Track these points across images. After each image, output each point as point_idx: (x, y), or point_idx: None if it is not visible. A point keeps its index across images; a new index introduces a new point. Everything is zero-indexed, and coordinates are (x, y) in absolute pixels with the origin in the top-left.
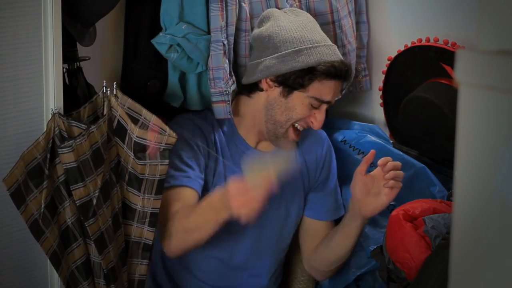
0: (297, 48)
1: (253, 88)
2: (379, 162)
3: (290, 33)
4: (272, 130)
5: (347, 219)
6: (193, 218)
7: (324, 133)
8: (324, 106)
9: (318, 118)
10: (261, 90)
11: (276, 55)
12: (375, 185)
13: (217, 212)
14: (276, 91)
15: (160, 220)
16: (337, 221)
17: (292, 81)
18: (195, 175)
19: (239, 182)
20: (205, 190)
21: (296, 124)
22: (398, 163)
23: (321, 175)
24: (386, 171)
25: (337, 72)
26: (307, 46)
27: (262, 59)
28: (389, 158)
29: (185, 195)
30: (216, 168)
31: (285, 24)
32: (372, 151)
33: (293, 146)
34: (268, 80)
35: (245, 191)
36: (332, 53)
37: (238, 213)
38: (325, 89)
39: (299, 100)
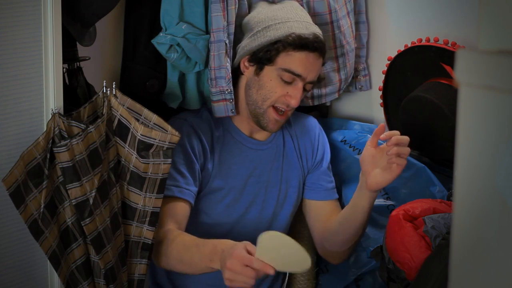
0: (267, 25)
1: (237, 73)
2: (383, 136)
3: (264, 14)
4: (253, 112)
5: (356, 193)
6: (182, 254)
7: (314, 119)
8: (299, 82)
9: (292, 94)
10: (242, 73)
11: (249, 35)
12: (383, 159)
13: (206, 262)
14: (251, 70)
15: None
16: None
17: (261, 56)
18: (187, 184)
19: (245, 251)
20: (205, 185)
21: (276, 104)
22: (404, 138)
23: (317, 156)
24: (390, 145)
25: (304, 42)
26: (277, 22)
27: (241, 43)
28: (395, 132)
29: (177, 209)
30: (213, 166)
31: (263, 9)
32: (382, 124)
33: (278, 128)
34: (244, 61)
35: (247, 262)
36: (303, 27)
37: (226, 278)
38: (294, 61)
39: (269, 75)
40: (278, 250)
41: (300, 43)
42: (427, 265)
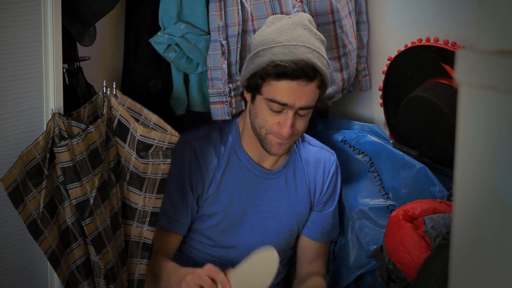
0: (256, 51)
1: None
2: None
3: (261, 36)
4: (257, 137)
5: None
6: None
7: (333, 156)
8: (289, 111)
9: (283, 123)
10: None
11: (247, 58)
12: None
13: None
14: (249, 96)
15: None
16: None
17: (251, 85)
18: (177, 216)
19: (206, 273)
20: (201, 208)
21: (272, 133)
22: None
23: (324, 196)
24: None
25: (282, 72)
26: (264, 47)
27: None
28: None
29: (168, 239)
30: (214, 190)
31: (264, 28)
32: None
33: (283, 152)
34: (243, 86)
35: (203, 283)
36: (288, 53)
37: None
38: (276, 91)
39: (260, 104)
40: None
41: (278, 73)
42: (427, 265)
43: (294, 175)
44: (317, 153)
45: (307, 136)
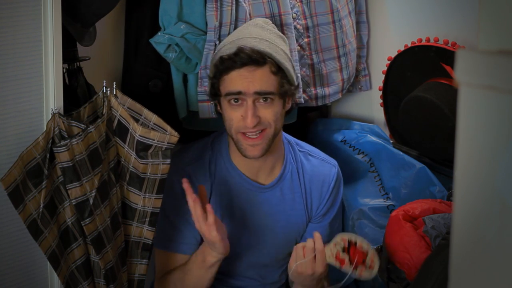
0: (212, 58)
1: None
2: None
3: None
4: (235, 144)
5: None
6: (188, 280)
7: (334, 169)
8: (247, 100)
9: (244, 115)
10: None
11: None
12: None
13: (203, 262)
14: (218, 105)
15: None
16: None
17: (212, 91)
18: (186, 238)
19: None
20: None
21: (241, 131)
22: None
23: (323, 210)
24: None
25: (227, 64)
26: (215, 51)
27: None
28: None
29: (177, 260)
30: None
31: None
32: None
33: (260, 152)
34: (211, 97)
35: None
36: (231, 47)
37: (210, 239)
38: (229, 83)
39: (223, 105)
40: None
41: (225, 67)
42: (427, 265)
43: (290, 187)
44: (317, 166)
45: (307, 147)
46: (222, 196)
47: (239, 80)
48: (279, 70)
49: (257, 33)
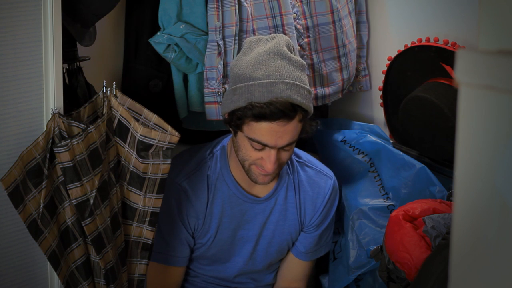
0: (234, 86)
1: None
2: None
3: (237, 69)
4: (242, 168)
5: None
6: None
7: (330, 181)
8: (271, 150)
9: (266, 159)
10: None
11: (227, 89)
12: None
13: None
14: (231, 129)
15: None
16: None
17: (232, 122)
18: (178, 251)
19: None
20: (198, 238)
21: (255, 166)
22: None
23: (316, 221)
24: None
25: (262, 114)
26: (242, 84)
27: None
28: None
29: (171, 274)
30: (205, 221)
31: (242, 56)
32: None
33: (270, 180)
34: (225, 119)
35: None
36: (266, 92)
37: None
38: (257, 131)
39: (241, 140)
40: None
41: (256, 115)
42: (427, 265)
43: (285, 198)
44: (313, 177)
45: (305, 157)
46: (218, 206)
47: (268, 134)
48: (304, 117)
49: (286, 71)
